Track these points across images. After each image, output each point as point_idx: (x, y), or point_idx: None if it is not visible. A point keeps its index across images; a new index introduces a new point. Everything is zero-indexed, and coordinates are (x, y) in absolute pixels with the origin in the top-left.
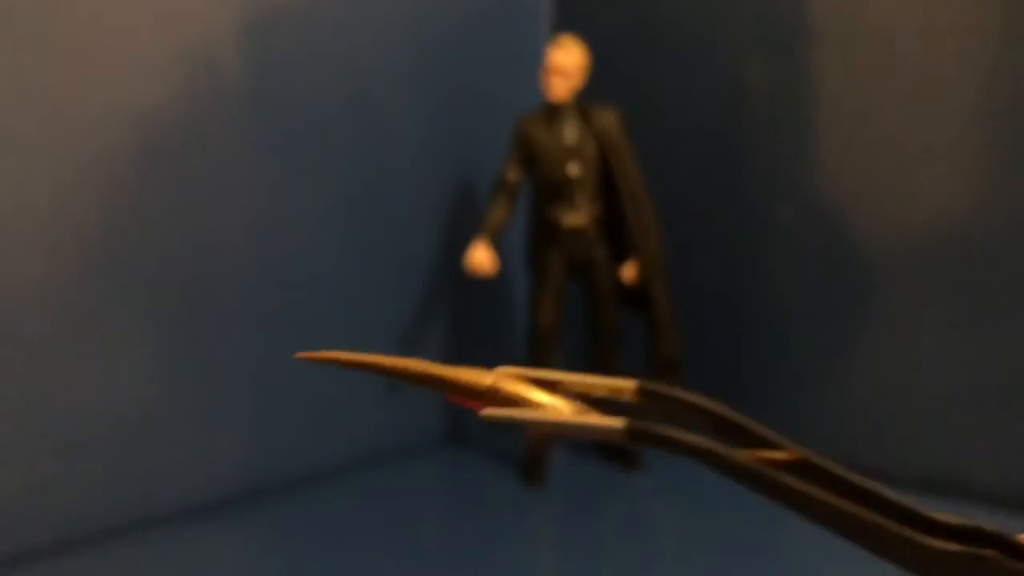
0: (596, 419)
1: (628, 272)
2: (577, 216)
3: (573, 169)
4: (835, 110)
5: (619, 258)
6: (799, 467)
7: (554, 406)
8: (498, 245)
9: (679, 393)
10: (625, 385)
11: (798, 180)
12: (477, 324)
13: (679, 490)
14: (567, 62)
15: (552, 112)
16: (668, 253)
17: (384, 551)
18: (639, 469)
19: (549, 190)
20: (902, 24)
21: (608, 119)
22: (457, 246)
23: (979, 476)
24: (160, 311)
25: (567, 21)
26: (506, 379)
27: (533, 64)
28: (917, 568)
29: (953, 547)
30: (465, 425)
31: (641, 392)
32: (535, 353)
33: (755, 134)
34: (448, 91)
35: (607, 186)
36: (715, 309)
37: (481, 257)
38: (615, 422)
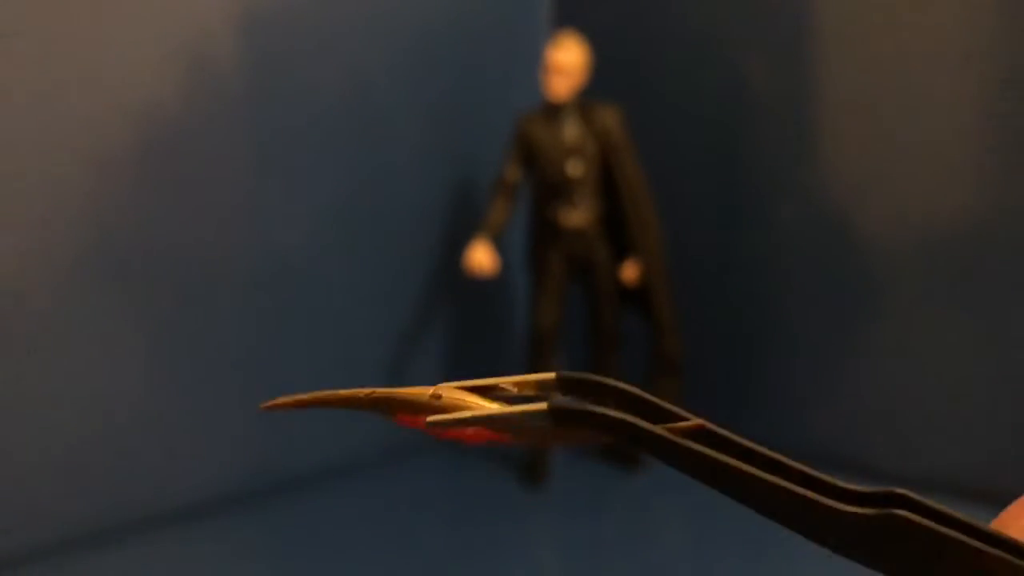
0: (521, 405)
1: (629, 272)
2: (577, 216)
3: (573, 168)
4: (837, 108)
5: (620, 258)
6: (700, 435)
7: (487, 407)
8: (498, 245)
9: (595, 377)
10: (548, 377)
11: (800, 179)
12: (477, 324)
13: (679, 489)
14: (567, 61)
15: (552, 111)
16: (669, 253)
17: (384, 551)
18: (639, 469)
19: (549, 189)
20: (904, 21)
21: (609, 118)
22: (457, 246)
23: (981, 476)
24: (156, 310)
25: (567, 19)
26: (445, 389)
27: (533, 63)
28: (826, 533)
29: (863, 510)
30: None
31: (562, 380)
32: (535, 353)
33: (757, 133)
34: (448, 90)
35: (608, 185)
36: (716, 309)
37: (481, 257)
38: (538, 405)
